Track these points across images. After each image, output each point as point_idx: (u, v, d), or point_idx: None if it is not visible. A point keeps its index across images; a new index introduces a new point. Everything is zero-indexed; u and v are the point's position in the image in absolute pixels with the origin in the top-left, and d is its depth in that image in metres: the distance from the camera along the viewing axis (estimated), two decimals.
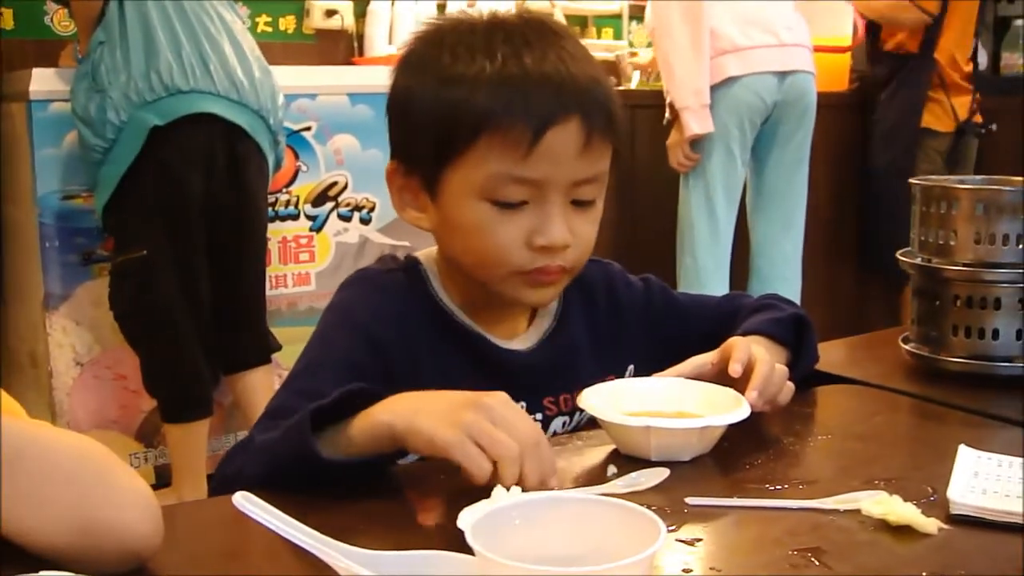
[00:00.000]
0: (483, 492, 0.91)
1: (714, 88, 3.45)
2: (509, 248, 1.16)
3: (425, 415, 0.97)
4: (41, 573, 0.75)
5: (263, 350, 3.09)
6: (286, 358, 3.19)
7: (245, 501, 0.80)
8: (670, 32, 3.46)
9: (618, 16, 4.96)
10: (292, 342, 3.16)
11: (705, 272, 3.58)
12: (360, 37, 4.32)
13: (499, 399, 0.97)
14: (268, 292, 3.14)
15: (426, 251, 1.31)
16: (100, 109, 2.72)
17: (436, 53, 1.18)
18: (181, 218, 2.82)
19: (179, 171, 2.78)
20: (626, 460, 1.10)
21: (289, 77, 3.21)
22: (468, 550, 0.71)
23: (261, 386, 3.08)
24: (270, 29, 4.15)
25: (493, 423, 0.94)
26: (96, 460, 0.85)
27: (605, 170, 1.20)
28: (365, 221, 3.40)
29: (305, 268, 3.34)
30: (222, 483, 1.07)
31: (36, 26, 3.68)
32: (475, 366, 1.22)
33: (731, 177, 3.57)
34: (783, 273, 3.73)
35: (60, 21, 3.65)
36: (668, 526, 0.74)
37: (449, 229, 1.20)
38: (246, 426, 3.11)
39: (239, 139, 2.86)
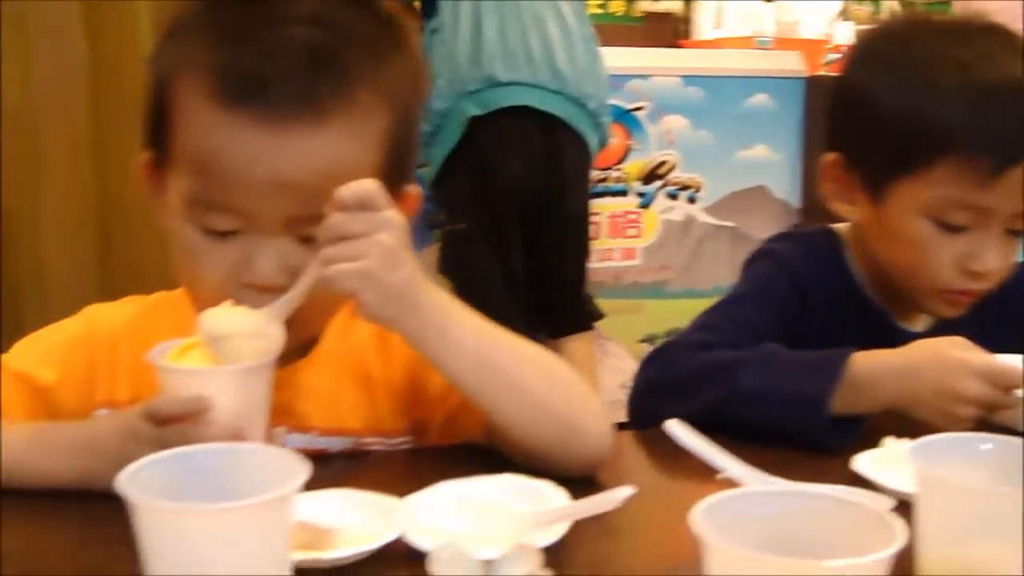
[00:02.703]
0: None
1: None
2: (942, 268, 1.18)
3: (924, 401, 1.09)
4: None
5: (584, 318, 3.20)
6: (608, 327, 3.31)
7: (676, 429, 0.91)
8: None
9: None
10: (615, 313, 3.29)
11: None
12: (687, 20, 4.39)
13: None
14: (595, 265, 3.26)
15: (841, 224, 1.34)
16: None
17: (904, 55, 1.19)
18: (496, 203, 2.95)
19: (495, 160, 2.90)
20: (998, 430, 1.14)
21: (624, 58, 3.33)
22: None
23: (582, 353, 3.19)
24: (600, 11, 4.29)
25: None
26: (567, 370, 1.00)
27: None
28: (692, 200, 3.48)
29: (632, 243, 3.46)
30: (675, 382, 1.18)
31: None
32: (872, 341, 1.21)
33: None
34: None
35: None
36: None
37: (883, 234, 1.23)
38: None
39: (557, 129, 2.93)
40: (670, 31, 4.41)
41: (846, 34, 4.23)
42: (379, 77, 0.97)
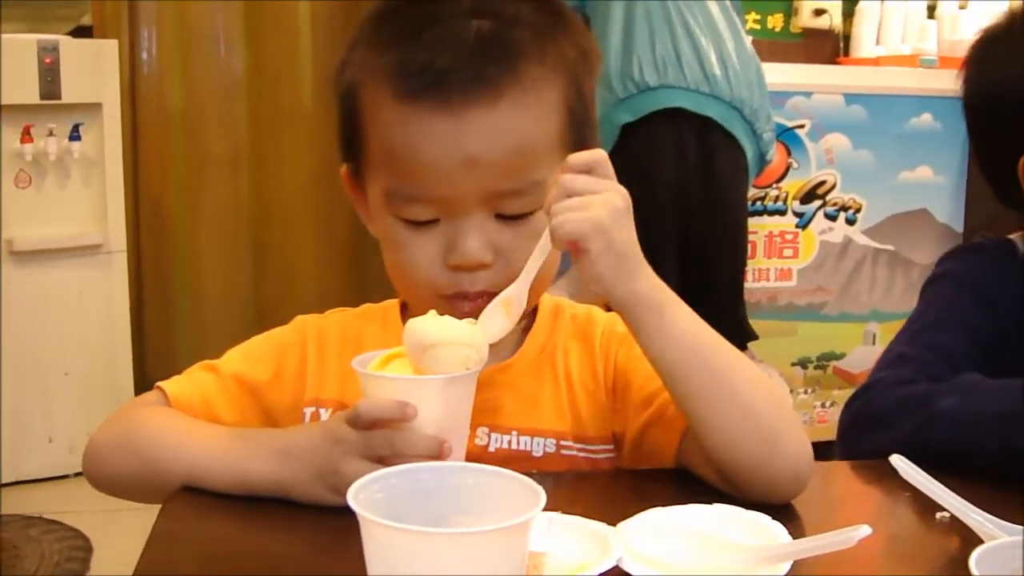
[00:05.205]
0: None
1: None
2: None
3: None
4: None
5: (737, 337, 3.14)
6: (761, 349, 3.24)
7: (902, 463, 0.86)
8: None
9: None
10: (769, 335, 3.22)
11: None
12: (846, 37, 4.29)
13: None
14: (750, 284, 3.20)
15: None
16: None
17: None
18: (650, 209, 2.90)
19: (649, 165, 2.87)
20: None
21: (786, 74, 3.26)
22: None
23: None
24: (758, 27, 4.20)
25: None
26: (771, 381, 0.98)
27: None
28: (850, 221, 3.38)
29: (788, 264, 3.38)
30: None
31: None
32: None
33: None
34: None
35: None
36: None
37: None
38: None
39: (710, 131, 2.90)
40: (829, 48, 4.30)
41: None
42: (545, 52, 1.02)
